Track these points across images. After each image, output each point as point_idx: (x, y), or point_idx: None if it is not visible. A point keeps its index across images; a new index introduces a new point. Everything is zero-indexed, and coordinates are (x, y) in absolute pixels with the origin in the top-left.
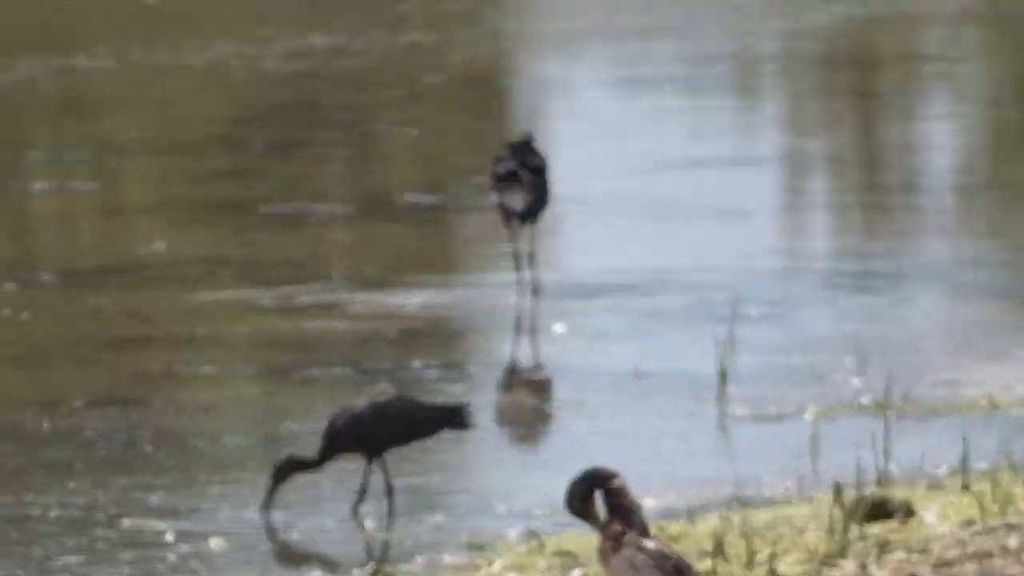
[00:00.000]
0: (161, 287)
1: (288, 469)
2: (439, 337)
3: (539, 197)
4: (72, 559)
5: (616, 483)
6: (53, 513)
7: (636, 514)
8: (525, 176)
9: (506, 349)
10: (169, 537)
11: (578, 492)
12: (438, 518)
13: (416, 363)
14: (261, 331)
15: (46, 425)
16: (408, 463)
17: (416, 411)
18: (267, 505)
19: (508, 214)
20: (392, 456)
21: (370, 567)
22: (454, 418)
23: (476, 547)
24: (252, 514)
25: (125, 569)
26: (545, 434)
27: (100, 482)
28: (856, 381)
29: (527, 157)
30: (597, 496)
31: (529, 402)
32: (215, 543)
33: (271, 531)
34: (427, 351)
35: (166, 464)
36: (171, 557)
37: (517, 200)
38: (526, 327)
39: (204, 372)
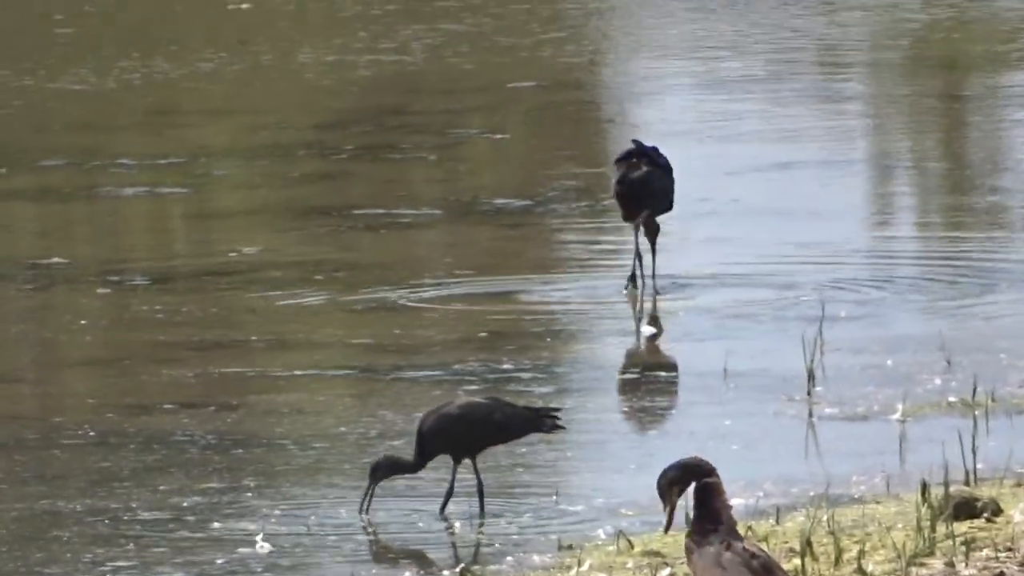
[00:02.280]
0: (252, 290)
1: (385, 470)
2: (529, 338)
3: (661, 190)
4: (162, 561)
5: (713, 480)
6: (143, 515)
7: (725, 512)
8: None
9: (596, 350)
10: (259, 539)
11: (674, 478)
12: (527, 518)
13: (507, 364)
14: (352, 334)
15: (136, 428)
16: (498, 464)
17: (505, 413)
18: (364, 506)
19: (627, 195)
20: (482, 457)
21: (459, 567)
22: (544, 420)
23: (565, 547)
24: (342, 515)
25: (215, 571)
26: (634, 434)
27: (190, 485)
28: (943, 380)
29: (652, 156)
30: (689, 492)
31: (619, 402)
32: (305, 544)
33: (362, 532)
34: (517, 353)
35: (256, 466)
36: (261, 559)
37: (636, 177)
38: (616, 328)
39: (295, 375)
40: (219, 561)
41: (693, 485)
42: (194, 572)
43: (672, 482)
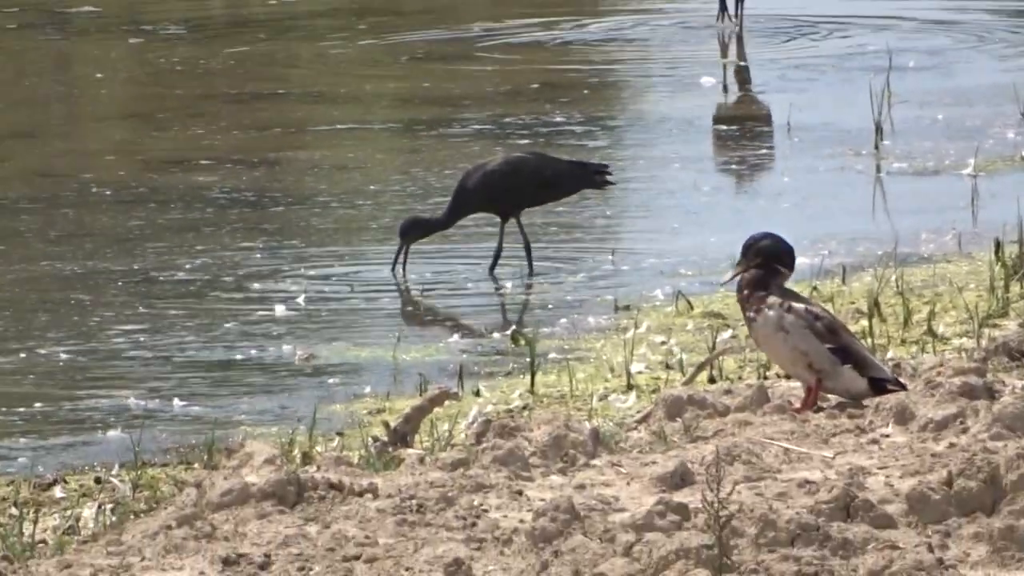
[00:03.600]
0: (295, 39)
1: (415, 229)
2: (582, 89)
3: None
4: (196, 320)
5: (785, 273)
6: (179, 275)
7: (773, 281)
8: None
9: (653, 102)
10: (299, 299)
11: (765, 249)
12: (580, 279)
13: (558, 117)
14: (398, 86)
15: (172, 184)
16: (547, 224)
17: (552, 167)
18: (396, 265)
19: None
20: (530, 216)
21: (510, 330)
22: (594, 175)
23: (622, 308)
24: (385, 275)
25: (252, 330)
26: (693, 191)
27: (228, 243)
28: (1017, 133)
29: None
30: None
31: (675, 158)
32: (348, 304)
33: (405, 293)
34: (570, 106)
35: (295, 225)
36: (298, 317)
37: None
38: (674, 79)
39: (338, 128)
40: (253, 319)
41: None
42: (228, 330)
43: (759, 253)
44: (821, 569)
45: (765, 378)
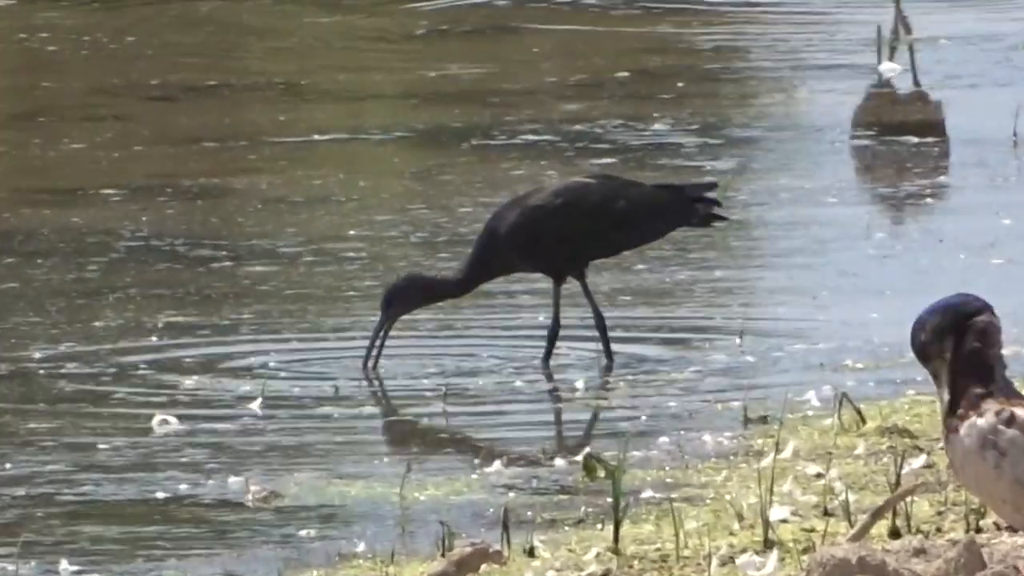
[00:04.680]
0: (252, 4)
1: (407, 298)
2: (694, 80)
3: None
4: (95, 438)
5: (984, 319)
6: (67, 368)
7: (998, 365)
8: None
9: (802, 101)
10: (253, 404)
11: (939, 327)
12: (688, 375)
13: (657, 124)
14: (405, 74)
15: (57, 224)
16: (628, 286)
17: (628, 196)
18: (369, 361)
19: None
20: (599, 271)
21: (580, 454)
22: (693, 207)
23: (756, 420)
24: (386, 366)
25: (181, 453)
26: (859, 238)
27: (142, 317)
28: None
29: None
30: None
31: (830, 182)
32: (329, 415)
33: (416, 396)
34: (674, 105)
35: (247, 287)
36: (252, 431)
37: None
38: (836, 64)
39: (315, 141)
40: (185, 431)
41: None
42: (128, 456)
43: (938, 333)
44: None
45: (978, 530)
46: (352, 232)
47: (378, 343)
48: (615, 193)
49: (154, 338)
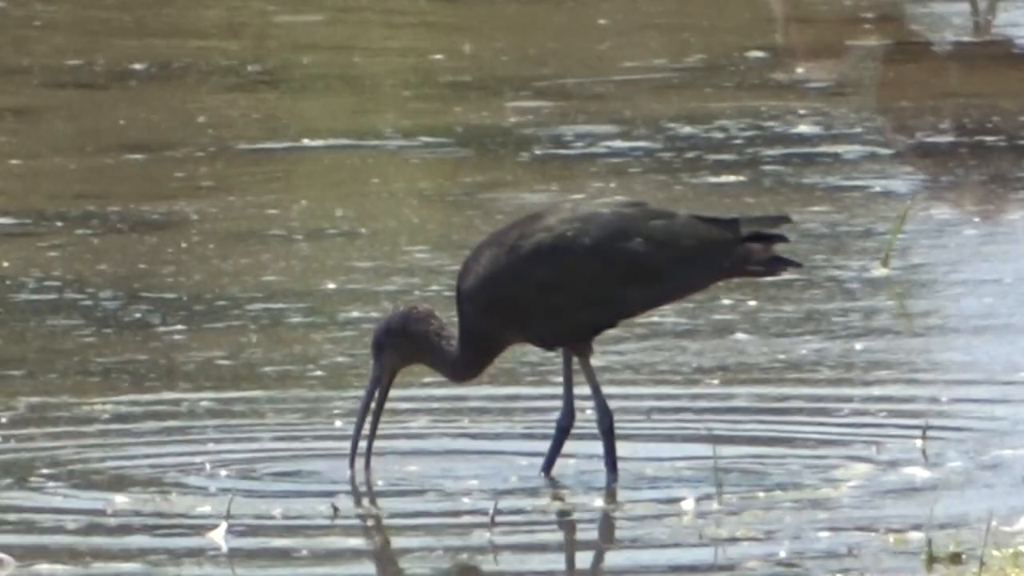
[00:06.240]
0: None
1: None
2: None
3: None
4: None
5: None
6: None
7: None
8: None
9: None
10: (215, 534)
11: None
12: (847, 491)
13: (802, 126)
14: (425, 55)
15: None
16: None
17: (674, 232)
18: (356, 456)
19: None
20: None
21: None
22: (742, 247)
23: (942, 560)
24: (389, 473)
25: None
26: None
27: (63, 396)
28: None
29: None
30: None
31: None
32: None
33: (445, 512)
34: (803, 97)
35: (205, 361)
36: (216, 572)
37: None
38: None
39: (304, 148)
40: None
41: None
42: None
43: None
44: None
45: None
46: (355, 284)
47: (364, 433)
48: (629, 228)
49: (76, 428)
